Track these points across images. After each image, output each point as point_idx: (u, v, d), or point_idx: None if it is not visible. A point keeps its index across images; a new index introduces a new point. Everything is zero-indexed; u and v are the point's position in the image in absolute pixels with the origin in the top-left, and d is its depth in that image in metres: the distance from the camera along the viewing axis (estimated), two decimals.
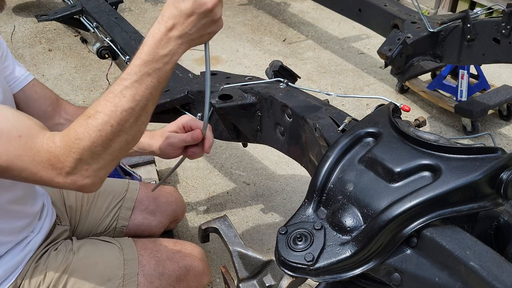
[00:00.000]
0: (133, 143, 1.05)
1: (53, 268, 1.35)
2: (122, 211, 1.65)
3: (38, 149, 0.98)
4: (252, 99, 1.58)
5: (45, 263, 1.35)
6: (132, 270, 1.41)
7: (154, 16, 4.45)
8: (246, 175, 2.67)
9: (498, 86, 3.08)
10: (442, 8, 4.26)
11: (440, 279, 0.82)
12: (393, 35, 2.34)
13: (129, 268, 1.41)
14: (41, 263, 1.35)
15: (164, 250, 1.48)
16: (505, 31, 2.11)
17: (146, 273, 1.42)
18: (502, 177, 0.85)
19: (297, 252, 0.91)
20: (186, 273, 1.47)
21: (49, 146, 0.98)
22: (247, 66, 3.71)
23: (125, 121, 0.98)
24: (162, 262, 1.45)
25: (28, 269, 1.32)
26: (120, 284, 1.38)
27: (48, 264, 1.35)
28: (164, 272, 1.44)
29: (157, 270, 1.43)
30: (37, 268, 1.34)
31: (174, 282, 1.45)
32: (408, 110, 1.22)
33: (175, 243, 1.54)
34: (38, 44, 3.92)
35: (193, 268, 1.49)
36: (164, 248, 1.49)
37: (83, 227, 1.59)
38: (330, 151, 1.01)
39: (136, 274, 1.40)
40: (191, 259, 1.50)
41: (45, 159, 0.98)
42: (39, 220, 1.40)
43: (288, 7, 4.65)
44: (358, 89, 3.43)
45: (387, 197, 0.89)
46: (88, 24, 2.38)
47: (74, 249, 1.41)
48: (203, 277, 1.52)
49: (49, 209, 1.46)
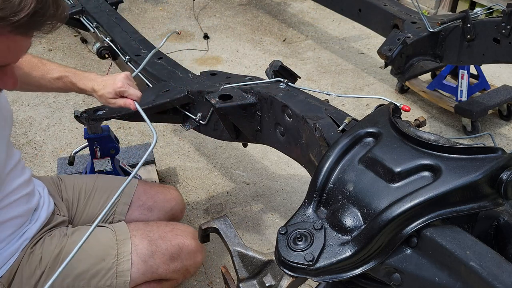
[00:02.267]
0: None
1: (48, 252, 1.37)
2: (119, 206, 1.65)
3: None
4: (252, 99, 1.58)
5: (40, 248, 1.38)
6: (125, 249, 1.43)
7: (154, 16, 4.45)
8: (246, 175, 2.67)
9: (498, 86, 3.08)
10: (442, 8, 4.26)
11: (440, 279, 0.82)
12: (393, 35, 2.34)
13: (122, 248, 1.43)
14: (36, 248, 1.38)
15: (156, 230, 1.52)
16: (505, 31, 2.11)
17: (140, 252, 1.44)
18: (502, 177, 0.85)
19: (297, 252, 0.91)
20: (179, 251, 1.50)
21: None
22: (247, 66, 3.71)
23: None
24: (154, 241, 1.48)
25: (24, 255, 1.35)
26: (114, 263, 1.40)
27: (43, 249, 1.38)
28: (157, 251, 1.47)
29: (150, 249, 1.46)
30: (33, 253, 1.36)
31: (167, 260, 1.48)
32: (408, 110, 1.22)
33: (167, 224, 1.58)
34: (38, 44, 3.92)
35: (185, 246, 1.52)
36: (156, 228, 1.53)
37: (79, 221, 1.61)
38: (330, 151, 1.01)
39: (130, 253, 1.43)
40: (184, 238, 1.53)
41: None
42: (36, 211, 1.41)
43: (288, 7, 4.65)
44: (358, 89, 3.43)
45: (387, 197, 0.89)
46: (88, 24, 2.38)
47: (68, 233, 1.44)
48: (196, 254, 1.55)
49: (45, 199, 1.47)
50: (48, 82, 1.53)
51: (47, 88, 1.57)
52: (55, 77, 1.52)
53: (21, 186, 1.35)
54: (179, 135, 2.98)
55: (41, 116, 3.12)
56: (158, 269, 1.47)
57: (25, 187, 1.37)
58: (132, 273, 1.42)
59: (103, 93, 1.44)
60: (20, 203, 1.34)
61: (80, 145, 2.19)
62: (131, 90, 1.43)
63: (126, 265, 1.41)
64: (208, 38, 4.08)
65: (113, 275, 1.39)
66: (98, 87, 1.46)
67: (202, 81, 1.80)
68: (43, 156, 2.80)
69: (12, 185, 1.32)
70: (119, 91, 1.42)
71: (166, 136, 2.98)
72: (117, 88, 1.42)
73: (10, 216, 1.31)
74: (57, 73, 1.52)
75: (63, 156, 2.61)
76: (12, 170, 1.33)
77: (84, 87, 1.50)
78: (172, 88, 1.76)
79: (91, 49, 3.77)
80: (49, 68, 1.54)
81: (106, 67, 3.40)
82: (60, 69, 1.54)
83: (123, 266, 1.41)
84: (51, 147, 2.87)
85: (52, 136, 2.96)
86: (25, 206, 1.36)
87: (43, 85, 1.55)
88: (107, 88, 1.43)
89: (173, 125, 3.03)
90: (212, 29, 4.24)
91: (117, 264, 1.40)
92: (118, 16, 2.34)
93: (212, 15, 4.49)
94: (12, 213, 1.31)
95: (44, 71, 1.53)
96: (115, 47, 2.11)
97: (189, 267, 1.55)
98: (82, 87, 1.50)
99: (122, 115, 1.71)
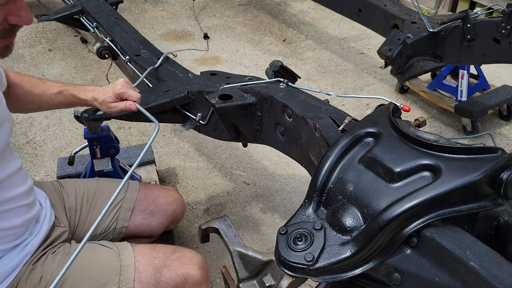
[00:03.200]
0: None
1: (49, 271, 1.34)
2: (122, 212, 1.64)
3: None
4: (252, 99, 1.58)
5: (42, 266, 1.35)
6: (128, 276, 1.39)
7: (154, 16, 4.45)
8: (246, 175, 2.67)
9: (498, 86, 3.08)
10: (442, 8, 4.26)
11: (440, 279, 0.82)
12: (393, 35, 2.34)
13: (125, 274, 1.39)
14: (38, 266, 1.34)
15: (162, 257, 1.46)
16: (505, 31, 2.11)
17: (143, 280, 1.39)
18: (502, 177, 0.85)
19: (297, 252, 0.90)
20: (184, 281, 1.44)
21: None
22: (247, 66, 3.71)
23: None
24: (159, 270, 1.43)
25: (25, 271, 1.32)
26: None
27: (45, 267, 1.34)
28: (161, 280, 1.41)
29: (154, 278, 1.41)
30: (34, 271, 1.33)
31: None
32: (408, 110, 1.22)
33: (174, 250, 1.51)
34: (38, 44, 3.92)
35: (191, 276, 1.45)
36: (162, 255, 1.47)
37: (82, 228, 1.59)
38: (330, 151, 1.01)
39: (132, 281, 1.38)
40: (190, 267, 1.46)
41: None
42: (37, 223, 1.39)
43: (288, 7, 4.65)
44: (358, 89, 3.43)
45: (387, 197, 0.89)
46: (88, 24, 2.38)
47: (72, 252, 1.39)
48: (201, 285, 1.49)
49: (47, 211, 1.45)
50: (49, 98, 1.57)
51: (48, 105, 1.60)
52: (55, 92, 1.56)
53: (21, 195, 1.32)
54: (179, 135, 2.98)
55: (41, 116, 3.12)
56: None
57: (25, 197, 1.34)
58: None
59: (104, 98, 1.47)
60: (19, 213, 1.31)
61: (80, 145, 2.19)
62: (130, 92, 1.45)
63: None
64: (208, 38, 4.08)
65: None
66: (98, 95, 1.49)
67: (202, 81, 1.80)
68: (43, 156, 2.80)
69: (10, 194, 1.28)
70: (118, 93, 1.44)
71: (166, 136, 2.98)
72: (116, 91, 1.44)
73: (7, 226, 1.27)
74: (57, 88, 1.56)
75: (63, 156, 2.61)
76: (10, 177, 1.29)
77: (85, 97, 1.53)
78: (172, 88, 1.76)
79: (91, 49, 3.77)
80: (49, 85, 1.58)
81: (106, 67, 3.40)
82: (59, 84, 1.58)
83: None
84: (51, 147, 2.87)
85: (52, 136, 2.96)
86: (24, 217, 1.32)
87: (44, 102, 1.58)
88: (107, 93, 1.46)
89: (173, 125, 3.03)
90: (212, 29, 4.24)
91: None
92: (118, 16, 2.34)
93: (212, 15, 4.49)
94: (9, 223, 1.28)
95: (45, 88, 1.57)
96: (115, 47, 2.11)
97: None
98: (83, 97, 1.53)
99: (122, 115, 1.70)
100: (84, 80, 3.46)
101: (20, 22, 1.13)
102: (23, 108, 1.61)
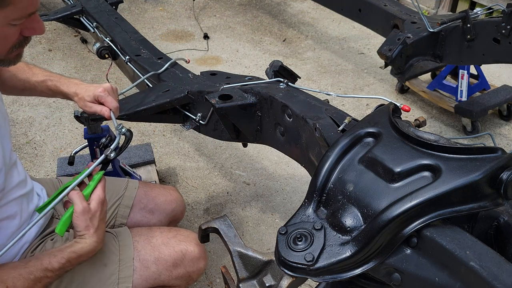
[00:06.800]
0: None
1: None
2: (121, 209, 1.65)
3: None
4: (252, 99, 1.58)
5: (41, 251, 1.36)
6: (127, 255, 1.42)
7: (154, 16, 4.45)
8: (246, 175, 2.67)
9: (498, 86, 3.08)
10: (442, 8, 4.26)
11: (440, 279, 0.82)
12: (393, 35, 2.34)
13: (124, 253, 1.42)
14: (36, 252, 1.36)
15: (159, 236, 1.50)
16: (505, 31, 2.11)
17: (142, 258, 1.43)
18: (502, 177, 0.85)
19: (297, 252, 0.90)
20: (182, 257, 1.49)
21: None
22: (247, 66, 3.71)
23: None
24: (157, 247, 1.47)
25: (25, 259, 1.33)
26: (116, 269, 1.39)
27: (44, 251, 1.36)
28: (160, 257, 1.45)
29: (152, 255, 1.45)
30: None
31: (170, 266, 1.47)
32: (408, 110, 1.22)
33: (170, 229, 1.56)
34: (38, 44, 3.92)
35: (189, 252, 1.50)
36: (159, 234, 1.51)
37: None
38: (330, 151, 1.01)
39: (132, 259, 1.42)
40: (187, 244, 1.51)
41: None
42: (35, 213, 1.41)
43: (288, 7, 4.65)
44: (358, 89, 3.43)
45: (387, 197, 0.89)
46: (88, 24, 2.38)
47: (70, 238, 1.41)
48: (200, 261, 1.53)
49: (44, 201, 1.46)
50: (33, 85, 1.54)
51: (31, 91, 1.57)
52: (39, 80, 1.53)
53: (19, 185, 1.35)
54: (179, 135, 2.98)
55: (41, 116, 3.12)
56: (161, 275, 1.45)
57: (22, 187, 1.36)
58: (134, 279, 1.40)
59: (83, 95, 1.44)
60: (19, 202, 1.34)
61: (80, 145, 2.19)
62: (109, 99, 1.41)
63: (128, 271, 1.39)
64: (208, 38, 4.08)
65: (115, 281, 1.38)
66: (80, 91, 1.46)
67: (202, 81, 1.80)
68: (43, 156, 2.80)
69: (12, 183, 1.31)
70: (98, 96, 1.41)
71: (166, 136, 2.98)
72: (97, 93, 1.41)
73: (8, 215, 1.30)
74: (42, 77, 1.53)
75: (63, 156, 2.61)
76: (13, 166, 1.32)
77: (67, 91, 1.50)
78: (172, 88, 1.76)
79: (91, 49, 3.77)
80: (35, 72, 1.55)
81: (106, 67, 3.41)
82: (45, 73, 1.55)
83: (126, 272, 1.39)
84: (51, 147, 2.87)
85: (52, 136, 2.96)
86: (23, 206, 1.35)
87: (27, 88, 1.55)
88: (88, 92, 1.43)
89: (173, 125, 3.03)
90: (212, 29, 4.24)
91: (119, 270, 1.39)
92: (118, 16, 2.34)
93: (212, 15, 4.49)
94: (10, 211, 1.30)
95: (30, 75, 1.54)
96: (115, 47, 2.11)
97: (192, 274, 1.53)
98: (65, 90, 1.50)
99: (122, 115, 1.71)
100: (84, 80, 3.46)
101: (34, 33, 1.13)
102: (5, 91, 1.57)
